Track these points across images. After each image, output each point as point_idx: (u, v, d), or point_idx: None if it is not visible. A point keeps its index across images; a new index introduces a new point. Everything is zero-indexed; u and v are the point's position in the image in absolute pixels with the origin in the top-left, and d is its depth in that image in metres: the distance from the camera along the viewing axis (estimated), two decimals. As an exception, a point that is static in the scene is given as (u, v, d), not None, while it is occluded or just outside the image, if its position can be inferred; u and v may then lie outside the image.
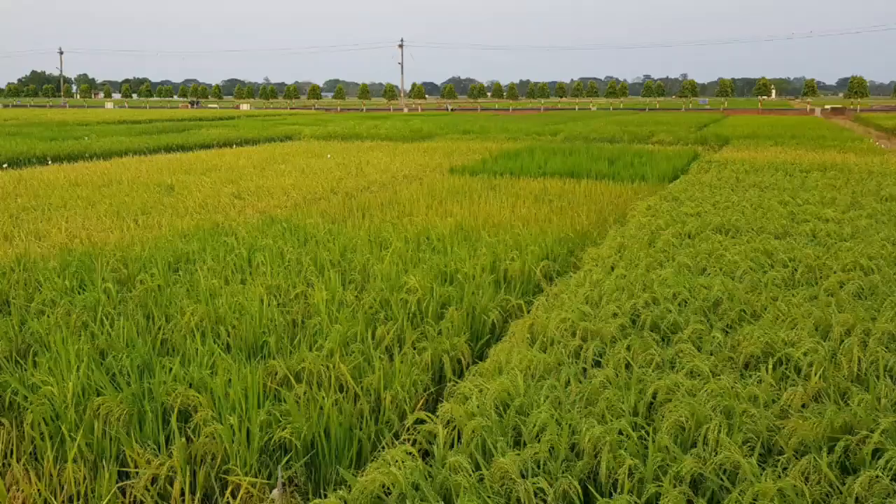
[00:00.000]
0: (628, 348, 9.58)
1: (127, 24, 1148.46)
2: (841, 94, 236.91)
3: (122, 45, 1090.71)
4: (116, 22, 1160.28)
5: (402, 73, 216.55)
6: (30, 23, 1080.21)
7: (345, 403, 8.24)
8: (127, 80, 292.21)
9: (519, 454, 6.80)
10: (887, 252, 14.67)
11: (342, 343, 9.97)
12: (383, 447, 7.62)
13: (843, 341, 9.78)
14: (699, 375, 8.70)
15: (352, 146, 47.12)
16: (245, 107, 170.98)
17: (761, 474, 6.52)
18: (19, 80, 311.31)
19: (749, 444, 7.23)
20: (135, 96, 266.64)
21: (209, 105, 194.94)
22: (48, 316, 11.24)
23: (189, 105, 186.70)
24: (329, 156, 39.34)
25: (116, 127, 68.08)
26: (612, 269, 13.85)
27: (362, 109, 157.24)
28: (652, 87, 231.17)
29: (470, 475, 6.54)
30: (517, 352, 9.48)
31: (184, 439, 7.54)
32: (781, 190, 24.25)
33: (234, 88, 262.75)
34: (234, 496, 7.17)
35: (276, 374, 9.16)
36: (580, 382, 8.58)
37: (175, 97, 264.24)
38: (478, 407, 7.85)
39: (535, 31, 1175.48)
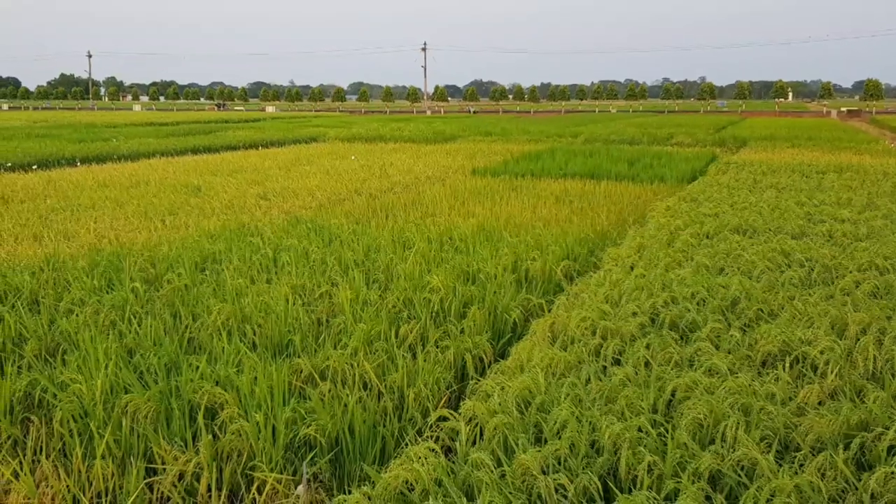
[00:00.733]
0: (648, 347, 9.56)
1: (155, 28, 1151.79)
2: (857, 97, 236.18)
3: (149, 49, 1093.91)
4: (144, 25, 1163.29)
5: (425, 75, 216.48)
6: (59, 26, 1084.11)
7: (369, 401, 8.25)
8: (154, 83, 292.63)
9: (540, 451, 6.79)
10: (903, 252, 14.61)
11: (366, 341, 9.98)
12: (407, 444, 7.61)
13: (858, 340, 9.76)
14: (717, 373, 8.68)
15: (376, 148, 47.13)
16: (271, 109, 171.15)
17: (778, 470, 6.51)
18: (48, 83, 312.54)
19: (766, 440, 7.21)
20: (162, 99, 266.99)
21: (235, 107, 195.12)
22: (77, 315, 11.28)
23: (216, 107, 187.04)
24: (353, 157, 39.36)
25: (144, 129, 68.28)
26: (632, 268, 13.82)
27: (386, 112, 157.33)
28: (671, 90, 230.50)
29: (492, 471, 6.53)
30: (538, 350, 9.47)
31: (210, 436, 7.55)
32: (798, 191, 24.15)
33: (260, 91, 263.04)
34: (259, 492, 7.18)
35: (301, 372, 9.17)
36: (600, 380, 8.56)
37: (202, 100, 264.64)
38: (499, 404, 7.84)
39: (557, 34, 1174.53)
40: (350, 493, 6.47)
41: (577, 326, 10.35)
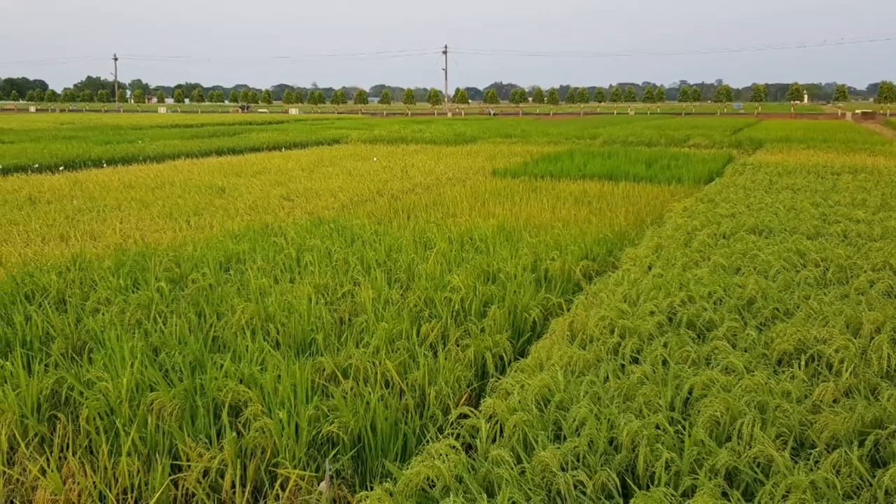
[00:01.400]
0: (665, 345, 9.56)
1: (179, 31, 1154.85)
2: (871, 99, 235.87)
3: (174, 52, 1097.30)
4: (169, 29, 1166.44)
5: (445, 78, 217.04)
6: (85, 29, 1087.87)
7: (390, 399, 8.25)
8: (179, 86, 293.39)
9: (559, 448, 6.79)
10: (918, 252, 14.58)
11: (388, 340, 9.99)
12: (428, 441, 7.61)
13: (872, 338, 9.74)
14: (734, 371, 8.68)
15: (397, 149, 47.18)
16: (294, 111, 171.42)
17: (794, 467, 6.51)
18: (75, 86, 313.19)
19: (782, 438, 7.21)
20: (187, 101, 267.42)
21: (259, 109, 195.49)
22: (103, 314, 11.32)
23: (240, 109, 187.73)
24: (375, 159, 39.41)
25: (169, 131, 68.54)
26: (650, 268, 13.82)
27: (407, 114, 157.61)
28: (688, 92, 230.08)
29: (512, 468, 6.54)
30: (557, 349, 9.47)
31: (234, 433, 7.56)
32: (813, 192, 24.12)
33: (283, 93, 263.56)
34: (283, 489, 7.19)
35: (323, 370, 9.19)
36: (618, 378, 8.57)
37: (226, 102, 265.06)
38: (519, 402, 7.85)
39: (575, 37, 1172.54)
40: (372, 489, 6.48)
41: (596, 325, 10.35)
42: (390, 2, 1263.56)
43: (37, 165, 35.68)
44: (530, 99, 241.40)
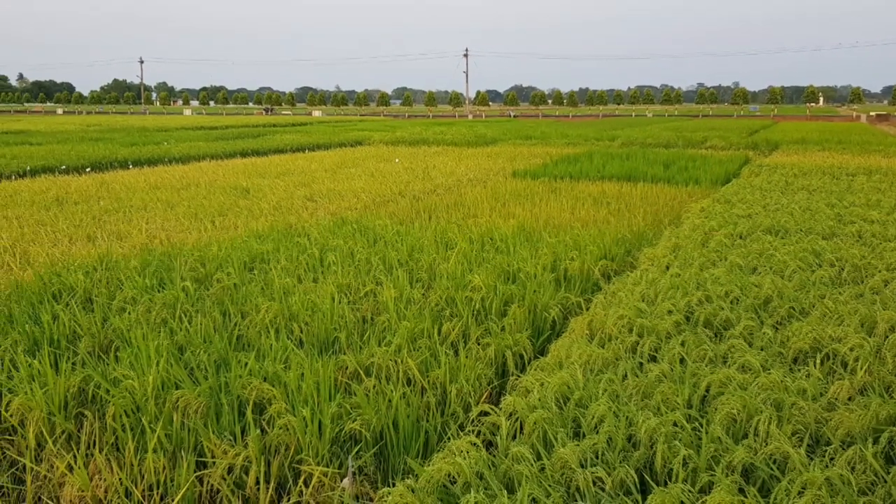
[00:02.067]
0: (683, 344, 9.55)
1: (205, 35, 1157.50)
2: (886, 102, 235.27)
3: (199, 55, 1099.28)
4: (194, 32, 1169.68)
5: (466, 81, 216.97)
6: (112, 33, 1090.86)
7: (412, 396, 8.26)
8: (204, 88, 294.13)
9: (578, 445, 6.79)
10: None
11: (410, 339, 10.00)
12: (449, 438, 7.62)
13: (887, 337, 9.73)
14: (750, 370, 8.67)
15: (419, 151, 47.23)
16: (317, 113, 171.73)
17: (810, 464, 6.51)
18: (102, 88, 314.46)
19: (798, 435, 7.22)
20: (212, 103, 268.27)
21: (283, 112, 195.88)
22: (129, 313, 11.35)
23: (264, 112, 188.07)
24: (397, 160, 39.43)
25: (194, 133, 68.67)
26: (667, 268, 13.81)
27: (429, 116, 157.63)
28: (705, 95, 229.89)
29: (531, 465, 6.54)
30: (577, 347, 9.47)
31: (259, 431, 7.58)
32: (828, 193, 24.07)
33: (307, 96, 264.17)
34: (306, 485, 7.21)
35: (346, 368, 9.20)
36: (637, 376, 8.56)
37: (250, 104, 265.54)
38: (539, 400, 7.85)
39: (594, 40, 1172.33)
40: (394, 485, 6.49)
41: (615, 324, 10.35)
42: (412, 6, 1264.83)
43: (64, 167, 35.81)
44: (550, 101, 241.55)
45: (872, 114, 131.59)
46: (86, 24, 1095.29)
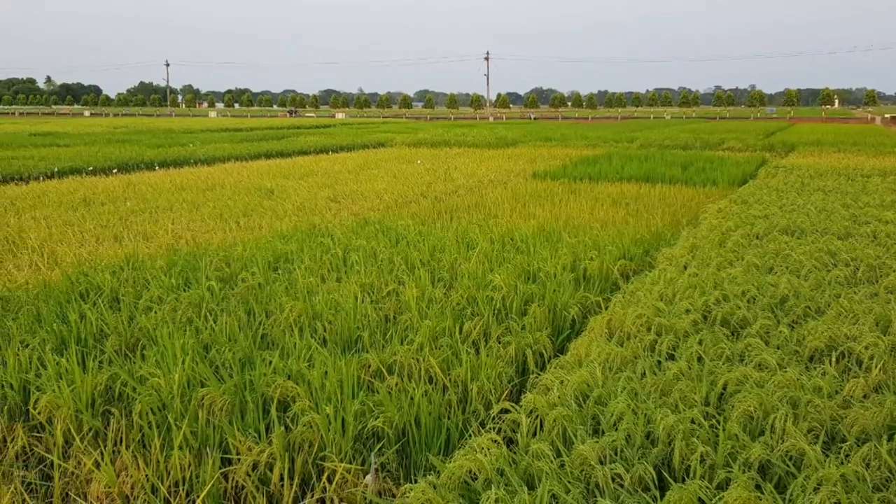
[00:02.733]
0: (700, 342, 9.55)
1: (229, 38, 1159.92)
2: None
3: (224, 58, 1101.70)
4: (220, 35, 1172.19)
5: (487, 83, 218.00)
6: (138, 36, 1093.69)
7: (434, 394, 8.27)
8: (229, 91, 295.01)
9: (597, 442, 6.80)
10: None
11: (431, 337, 10.01)
12: (470, 435, 7.63)
13: (901, 335, 9.72)
14: (767, 368, 8.67)
15: (440, 153, 47.30)
16: (340, 116, 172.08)
17: (825, 461, 6.51)
18: (128, 91, 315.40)
19: (813, 432, 7.21)
20: (237, 106, 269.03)
21: (306, 114, 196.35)
22: (155, 312, 11.39)
23: (288, 114, 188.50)
24: (419, 162, 39.47)
25: (219, 135, 68.84)
26: (685, 268, 13.81)
27: (450, 118, 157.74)
28: (722, 97, 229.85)
29: (551, 461, 6.55)
30: (596, 346, 9.47)
31: (283, 428, 7.59)
32: (844, 194, 24.05)
33: (330, 98, 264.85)
34: (329, 481, 7.22)
35: (369, 366, 9.22)
36: (655, 374, 8.57)
37: (275, 107, 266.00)
38: (559, 397, 7.86)
39: (613, 44, 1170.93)
40: (416, 482, 6.50)
41: (633, 323, 10.35)
42: (434, 9, 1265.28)
43: (91, 168, 35.95)
44: (569, 104, 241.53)
45: (887, 116, 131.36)
46: (113, 28, 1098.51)
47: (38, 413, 8.39)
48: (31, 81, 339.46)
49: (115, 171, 36.17)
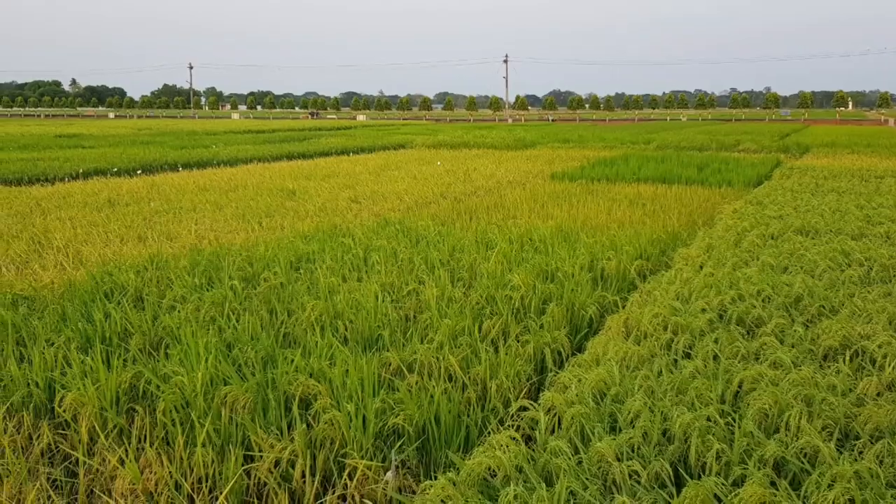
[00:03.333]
0: (716, 341, 9.56)
1: (252, 41, 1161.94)
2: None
3: (247, 60, 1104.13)
4: (242, 38, 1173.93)
5: (506, 86, 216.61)
6: (162, 39, 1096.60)
7: (453, 392, 8.28)
8: (252, 93, 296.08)
9: (615, 439, 6.80)
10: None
11: (451, 336, 10.02)
12: (489, 432, 7.64)
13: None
14: (782, 366, 8.68)
15: (460, 154, 47.33)
16: (361, 118, 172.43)
17: (839, 458, 6.52)
18: (152, 93, 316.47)
19: (828, 429, 7.22)
20: (259, 108, 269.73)
21: (328, 116, 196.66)
22: (179, 311, 11.42)
23: (309, 116, 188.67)
24: (439, 163, 39.50)
25: (242, 136, 69.00)
26: (701, 267, 13.84)
27: (470, 120, 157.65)
28: (738, 100, 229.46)
29: (569, 458, 6.55)
30: (613, 344, 9.48)
31: (304, 425, 7.61)
32: (857, 194, 24.07)
33: (351, 100, 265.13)
34: (350, 478, 7.23)
35: (389, 365, 9.23)
36: (671, 373, 8.58)
37: (296, 109, 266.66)
38: (576, 395, 7.87)
39: (630, 46, 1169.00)
40: (436, 478, 6.51)
41: (650, 322, 10.36)
42: (454, 13, 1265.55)
43: (115, 169, 36.08)
44: (587, 106, 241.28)
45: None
46: (137, 31, 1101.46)
47: (64, 411, 8.42)
48: (57, 84, 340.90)
49: (139, 172, 36.29)
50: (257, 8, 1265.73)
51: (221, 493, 7.07)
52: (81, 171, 34.85)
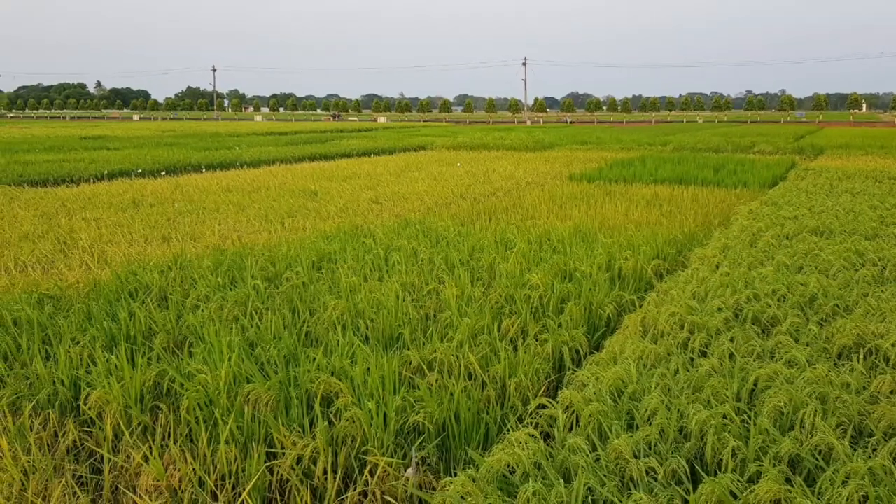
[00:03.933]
0: (732, 340, 9.58)
1: (275, 44, 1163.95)
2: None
3: (270, 63, 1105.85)
4: (265, 41, 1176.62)
5: (525, 88, 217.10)
6: (186, 42, 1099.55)
7: (473, 390, 8.28)
8: (274, 95, 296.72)
9: (632, 436, 6.81)
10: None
11: (471, 335, 10.03)
12: (508, 430, 7.63)
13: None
14: (796, 364, 8.68)
15: (479, 156, 47.30)
16: (382, 119, 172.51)
17: (853, 455, 6.51)
18: (176, 95, 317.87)
19: (842, 427, 7.23)
20: (281, 110, 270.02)
21: (349, 118, 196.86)
22: (202, 310, 11.46)
23: (331, 118, 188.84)
24: (459, 164, 39.50)
25: (264, 138, 69.07)
26: (717, 267, 13.84)
27: (489, 122, 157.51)
28: (753, 102, 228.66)
29: (587, 455, 6.56)
30: (630, 343, 9.48)
31: (326, 423, 7.62)
32: (871, 195, 23.99)
33: (372, 102, 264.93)
34: (371, 475, 7.24)
35: (410, 363, 9.24)
36: (688, 371, 8.58)
37: (318, 111, 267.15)
38: (594, 393, 7.87)
39: (648, 49, 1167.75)
40: (456, 475, 6.52)
41: (667, 321, 10.36)
42: (474, 17, 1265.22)
43: (140, 170, 36.24)
44: (605, 108, 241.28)
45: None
46: (162, 34, 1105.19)
47: (89, 408, 8.46)
48: (82, 86, 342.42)
49: (163, 173, 36.39)
50: (280, 12, 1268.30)
51: (244, 490, 7.09)
52: (106, 172, 35.01)
